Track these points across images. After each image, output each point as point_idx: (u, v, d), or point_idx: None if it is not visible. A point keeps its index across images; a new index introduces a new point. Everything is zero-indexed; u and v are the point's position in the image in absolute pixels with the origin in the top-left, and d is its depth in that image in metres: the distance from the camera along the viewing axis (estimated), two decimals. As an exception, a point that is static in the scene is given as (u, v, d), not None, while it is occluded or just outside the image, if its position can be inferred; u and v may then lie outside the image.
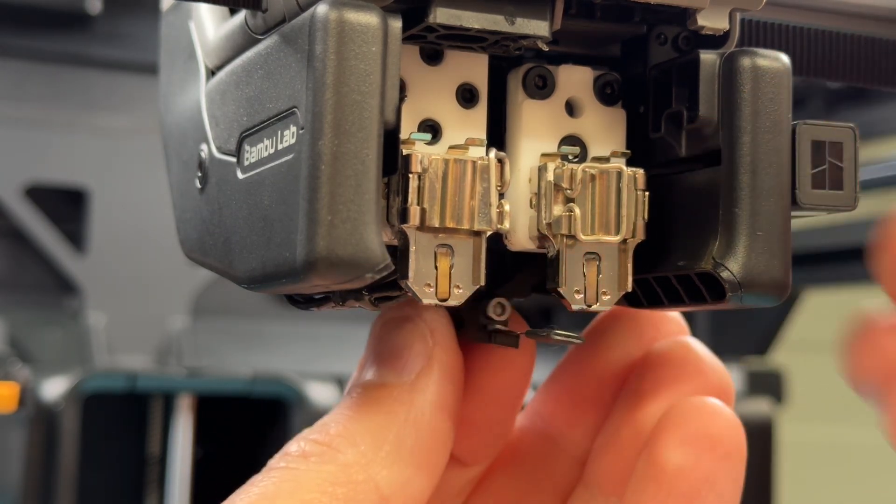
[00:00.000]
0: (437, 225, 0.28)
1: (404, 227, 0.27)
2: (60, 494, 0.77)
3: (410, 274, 0.28)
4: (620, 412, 0.33)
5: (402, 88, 0.28)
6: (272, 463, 0.29)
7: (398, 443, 0.28)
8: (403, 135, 0.28)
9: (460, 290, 0.28)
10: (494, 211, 0.28)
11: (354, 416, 0.29)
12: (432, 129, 0.29)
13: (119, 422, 0.90)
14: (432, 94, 0.29)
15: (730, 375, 0.33)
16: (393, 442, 0.28)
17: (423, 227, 0.27)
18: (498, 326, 0.30)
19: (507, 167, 0.28)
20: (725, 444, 0.30)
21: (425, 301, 0.28)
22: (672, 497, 0.30)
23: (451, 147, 0.29)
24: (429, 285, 0.28)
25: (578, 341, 0.30)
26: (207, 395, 0.84)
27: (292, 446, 0.29)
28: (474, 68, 0.30)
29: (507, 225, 0.28)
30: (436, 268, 0.28)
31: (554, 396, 0.34)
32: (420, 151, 0.28)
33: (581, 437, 0.34)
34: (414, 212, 0.27)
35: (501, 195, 0.28)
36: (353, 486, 0.28)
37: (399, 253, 0.28)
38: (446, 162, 0.28)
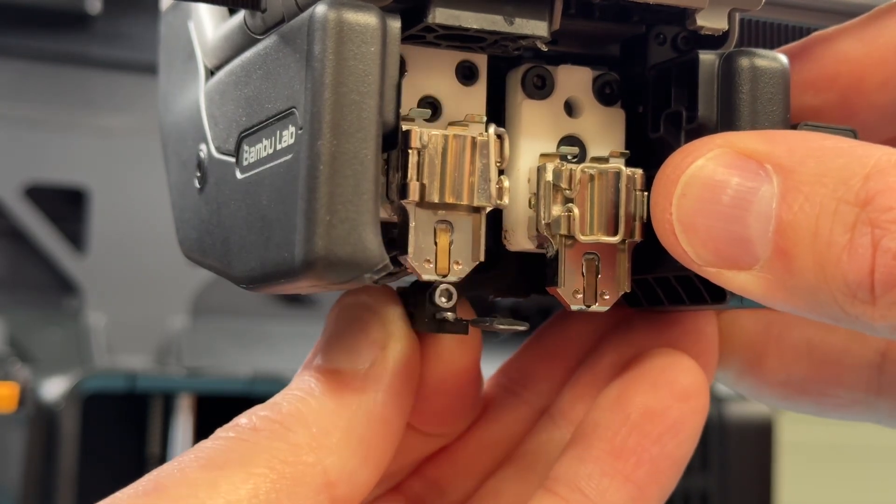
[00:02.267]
0: (436, 201, 0.28)
1: (404, 202, 0.27)
2: (60, 494, 0.77)
3: (410, 249, 0.28)
4: (603, 354, 0.33)
5: (402, 65, 0.28)
6: (219, 432, 0.29)
7: (348, 430, 0.28)
8: (403, 111, 0.28)
9: (460, 266, 0.28)
10: (494, 187, 0.28)
11: (306, 399, 0.29)
12: (432, 105, 0.29)
13: (119, 422, 0.90)
14: (432, 71, 0.29)
15: (715, 330, 0.33)
16: (343, 429, 0.28)
17: (422, 202, 0.27)
18: (447, 315, 0.30)
19: (506, 143, 0.28)
20: (696, 398, 0.30)
21: (425, 277, 0.28)
22: (634, 436, 0.30)
23: (450, 123, 0.29)
24: (428, 261, 0.28)
25: (522, 328, 0.30)
26: (207, 395, 0.84)
27: (242, 419, 0.29)
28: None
29: (506, 200, 0.28)
30: (435, 243, 0.28)
31: (528, 356, 0.35)
32: (420, 127, 0.28)
33: (547, 389, 0.34)
34: (413, 187, 0.27)
35: (501, 171, 0.28)
36: (301, 467, 0.28)
37: (398, 228, 0.28)
38: (446, 138, 0.28)
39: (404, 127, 0.28)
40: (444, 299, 0.29)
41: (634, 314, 0.33)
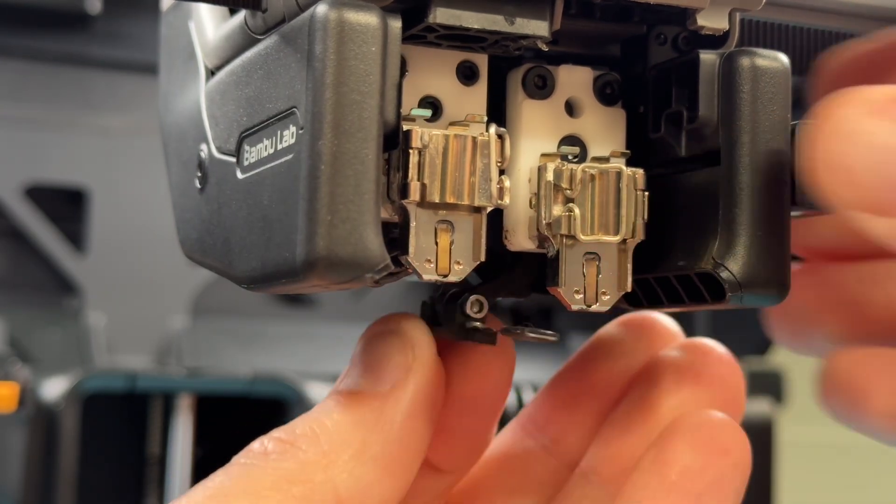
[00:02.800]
0: (437, 200, 0.28)
1: (405, 202, 0.27)
2: (60, 494, 0.77)
3: (411, 249, 0.28)
4: (630, 405, 0.33)
5: (403, 65, 0.28)
6: (235, 459, 0.29)
7: (363, 448, 0.28)
8: (404, 111, 0.28)
9: (461, 266, 0.28)
10: (495, 187, 0.28)
11: (321, 419, 0.29)
12: (433, 105, 0.29)
13: (119, 422, 0.90)
14: (433, 70, 0.29)
15: (742, 378, 0.33)
16: (357, 446, 0.28)
17: (423, 202, 0.28)
18: (476, 324, 0.30)
19: (507, 143, 0.28)
20: (734, 454, 0.30)
21: (425, 277, 0.28)
22: (674, 496, 0.30)
23: (451, 123, 0.29)
24: (429, 261, 0.28)
25: (552, 339, 0.30)
26: (207, 395, 0.84)
27: (256, 444, 0.29)
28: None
29: (506, 200, 0.28)
30: (436, 243, 0.28)
31: (551, 402, 0.34)
32: (420, 127, 0.28)
33: (575, 442, 0.34)
34: (414, 187, 0.27)
35: (502, 171, 0.28)
36: (310, 485, 0.27)
37: (399, 229, 0.28)
38: (446, 138, 0.28)
39: (405, 127, 0.28)
40: (475, 309, 0.29)
41: (658, 362, 0.33)
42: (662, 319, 0.35)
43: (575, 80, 0.31)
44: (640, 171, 0.29)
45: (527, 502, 0.33)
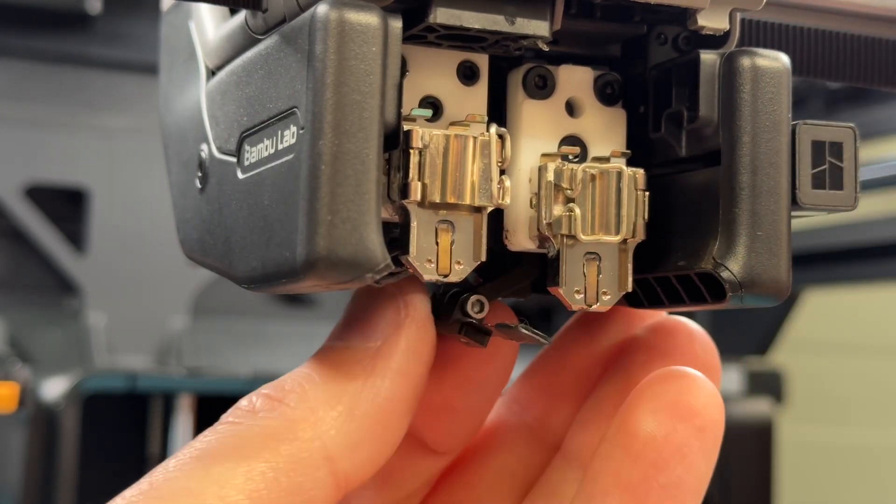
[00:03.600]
0: (437, 201, 0.28)
1: (405, 202, 0.27)
2: (60, 494, 0.77)
3: (411, 249, 0.28)
4: (605, 387, 0.33)
5: (403, 65, 0.28)
6: (223, 417, 0.28)
7: (352, 405, 0.27)
8: (404, 111, 0.28)
9: (461, 266, 0.28)
10: (495, 187, 0.28)
11: (311, 375, 0.28)
12: (433, 105, 0.29)
13: (119, 422, 0.90)
14: (433, 70, 0.29)
15: (716, 353, 0.32)
16: (347, 403, 0.27)
17: (423, 202, 0.27)
18: (471, 321, 0.29)
19: (507, 143, 0.28)
20: (701, 415, 0.29)
21: (426, 277, 0.28)
22: (639, 465, 0.29)
23: (451, 123, 0.29)
24: (430, 261, 0.28)
25: (544, 342, 0.29)
26: (207, 395, 0.84)
27: (244, 401, 0.28)
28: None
29: (507, 200, 0.28)
30: (437, 243, 0.28)
31: (533, 384, 0.34)
32: (421, 127, 0.28)
33: (558, 424, 0.33)
34: (415, 187, 0.27)
35: (502, 171, 0.28)
36: (298, 443, 0.27)
37: (400, 229, 0.28)
38: (447, 138, 0.28)
39: (405, 127, 0.28)
40: (475, 309, 0.29)
41: (634, 341, 0.33)
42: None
43: (575, 80, 0.31)
44: (640, 171, 0.29)
45: (512, 484, 0.33)
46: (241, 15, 0.31)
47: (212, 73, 0.34)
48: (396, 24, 0.27)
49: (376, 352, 0.28)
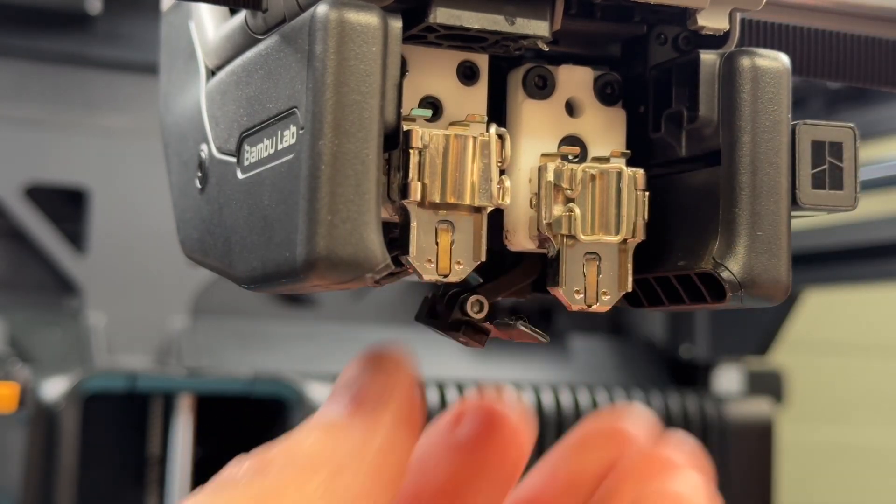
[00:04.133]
0: (437, 201, 0.28)
1: (405, 202, 0.27)
2: (60, 494, 0.78)
3: (411, 250, 0.28)
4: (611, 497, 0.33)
5: (403, 65, 0.28)
6: (215, 476, 0.28)
7: (339, 468, 0.27)
8: (404, 111, 0.28)
9: (461, 266, 0.28)
10: (495, 187, 0.28)
11: (301, 439, 0.28)
12: (433, 105, 0.29)
13: (119, 422, 0.90)
14: (433, 70, 0.29)
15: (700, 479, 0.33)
16: (333, 467, 0.27)
17: (423, 202, 0.28)
18: (469, 320, 0.30)
19: (507, 143, 0.28)
20: None
21: (426, 277, 0.28)
22: None
23: (451, 123, 0.29)
24: (430, 261, 0.28)
25: (542, 340, 0.30)
26: (207, 395, 0.84)
27: (233, 463, 0.28)
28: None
29: (507, 200, 0.28)
30: (437, 243, 0.28)
31: (537, 491, 0.35)
32: (421, 127, 0.28)
33: None
34: (415, 187, 0.27)
35: (502, 171, 0.28)
36: None
37: (400, 229, 0.28)
38: (447, 138, 0.28)
39: (405, 127, 0.28)
40: (475, 309, 0.29)
41: (643, 454, 0.33)
42: (627, 424, 0.35)
43: (575, 80, 0.31)
44: (640, 171, 0.29)
45: None
46: (241, 15, 0.31)
47: (212, 73, 0.34)
48: (396, 24, 0.27)
49: (363, 426, 0.28)
